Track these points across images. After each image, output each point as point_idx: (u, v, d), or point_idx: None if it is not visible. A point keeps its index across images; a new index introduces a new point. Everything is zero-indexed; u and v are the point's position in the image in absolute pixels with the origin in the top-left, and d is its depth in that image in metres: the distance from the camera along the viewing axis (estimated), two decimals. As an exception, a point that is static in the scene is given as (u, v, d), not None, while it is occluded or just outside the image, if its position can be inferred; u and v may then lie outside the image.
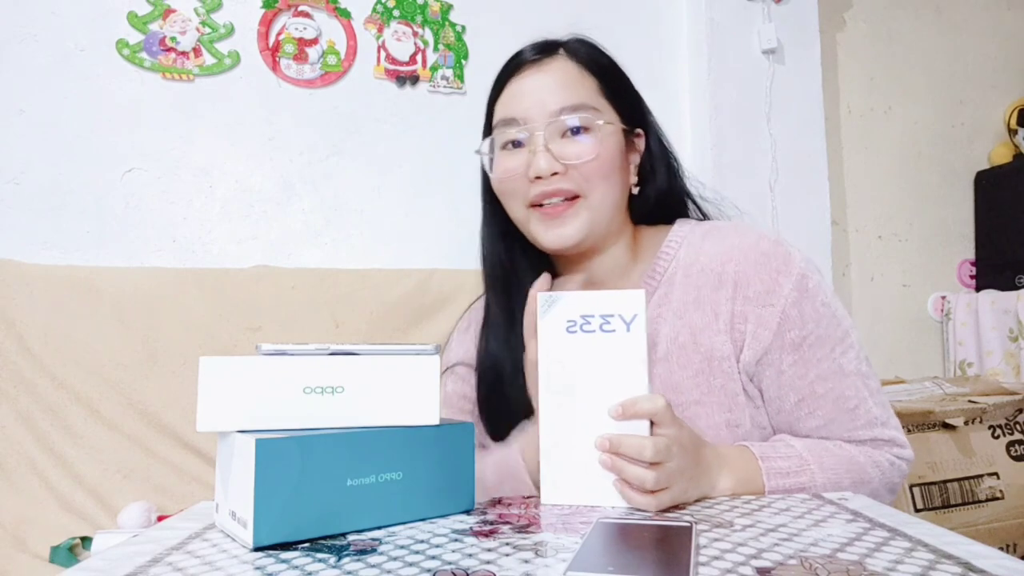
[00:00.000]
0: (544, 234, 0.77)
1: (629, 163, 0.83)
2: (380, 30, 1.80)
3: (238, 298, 1.54)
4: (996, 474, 1.45)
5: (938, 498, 1.41)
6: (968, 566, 0.43)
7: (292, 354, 0.55)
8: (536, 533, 0.53)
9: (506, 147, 0.79)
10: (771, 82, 1.99)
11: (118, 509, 1.33)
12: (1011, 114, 2.43)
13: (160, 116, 1.65)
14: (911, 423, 1.43)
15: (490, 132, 0.82)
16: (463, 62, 1.85)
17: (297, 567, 0.45)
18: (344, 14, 1.77)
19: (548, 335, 0.63)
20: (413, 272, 1.68)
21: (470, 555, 0.47)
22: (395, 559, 0.47)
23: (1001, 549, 0.53)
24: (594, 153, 0.75)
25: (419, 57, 1.83)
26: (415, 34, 1.83)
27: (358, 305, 1.61)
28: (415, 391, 0.57)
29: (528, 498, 0.66)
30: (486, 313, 0.88)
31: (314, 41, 1.75)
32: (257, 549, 0.49)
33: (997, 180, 2.35)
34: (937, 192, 2.39)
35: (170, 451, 1.43)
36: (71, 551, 1.23)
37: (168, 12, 1.65)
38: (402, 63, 1.82)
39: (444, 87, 1.84)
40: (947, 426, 1.45)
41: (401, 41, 1.82)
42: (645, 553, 0.47)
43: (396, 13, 1.81)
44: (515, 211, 0.80)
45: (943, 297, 2.34)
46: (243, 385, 0.52)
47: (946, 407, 1.46)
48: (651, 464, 0.58)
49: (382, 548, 0.49)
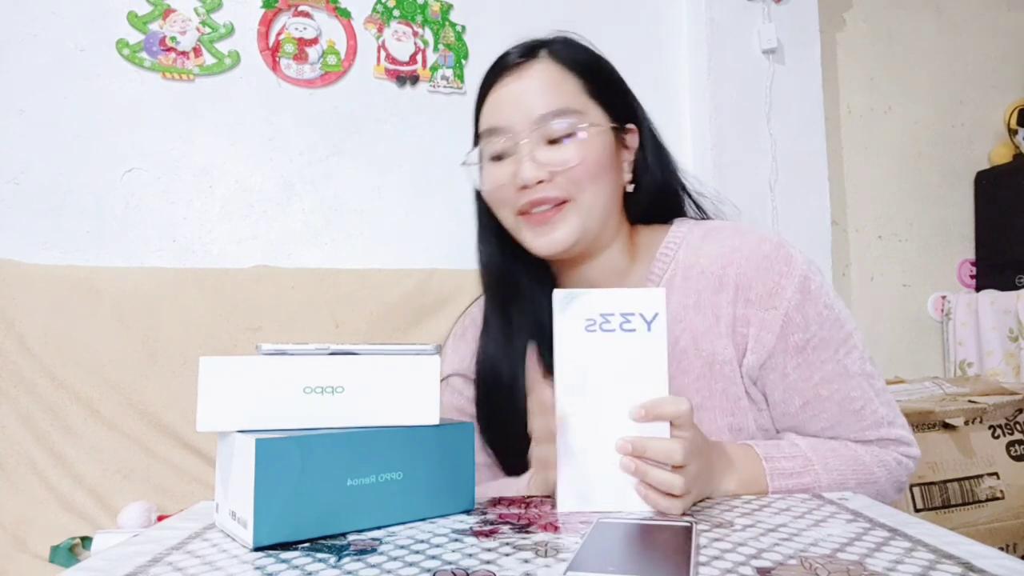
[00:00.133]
0: (534, 241, 0.77)
1: (621, 161, 0.81)
2: (380, 30, 1.80)
3: (238, 298, 1.54)
4: (996, 474, 1.45)
5: (938, 498, 1.40)
6: (968, 566, 0.43)
7: (292, 354, 0.55)
8: (536, 533, 0.53)
9: (493, 158, 0.78)
10: (771, 82, 1.99)
11: (118, 509, 1.33)
12: (1011, 114, 2.43)
13: (160, 116, 1.65)
14: (911, 423, 1.42)
15: (479, 140, 0.81)
16: (463, 62, 1.85)
17: (297, 567, 0.45)
18: (344, 14, 1.77)
19: (566, 334, 0.60)
20: (413, 272, 1.68)
21: (470, 555, 0.47)
22: (395, 559, 0.47)
23: (1001, 549, 0.53)
24: (579, 158, 0.74)
25: (419, 57, 1.83)
26: (415, 34, 1.83)
27: (358, 305, 1.61)
28: (415, 391, 0.57)
29: (528, 498, 0.66)
30: (485, 319, 0.87)
31: (314, 41, 1.75)
32: (257, 549, 0.49)
33: (997, 180, 2.35)
34: (937, 192, 2.39)
35: (170, 451, 1.43)
36: (71, 551, 1.23)
37: (168, 12, 1.65)
38: (402, 63, 1.82)
39: (444, 87, 1.84)
40: (947, 426, 1.45)
41: (401, 41, 1.82)
42: (645, 553, 0.47)
43: (396, 13, 1.81)
44: (506, 220, 0.80)
45: (943, 297, 2.34)
46: (243, 385, 0.52)
47: (946, 407, 1.46)
48: (676, 468, 0.57)
49: (382, 548, 0.49)
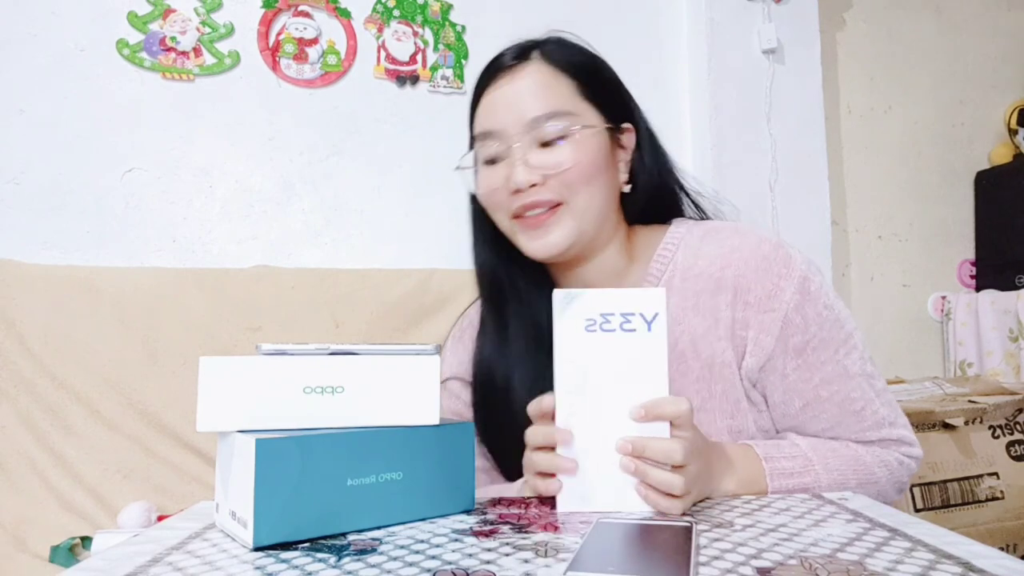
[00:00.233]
0: (529, 244, 0.77)
1: (617, 162, 0.80)
2: (380, 30, 1.80)
3: (238, 298, 1.54)
4: (996, 474, 1.45)
5: (938, 498, 1.40)
6: (968, 566, 0.43)
7: (292, 354, 0.55)
8: (536, 533, 0.52)
9: (487, 161, 0.78)
10: (771, 82, 1.99)
11: (118, 509, 1.33)
12: (1011, 114, 2.43)
13: (160, 116, 1.65)
14: (911, 423, 1.42)
15: (474, 143, 0.81)
16: (463, 62, 1.85)
17: (297, 567, 0.45)
18: (344, 14, 1.77)
19: (566, 334, 0.60)
20: (413, 272, 1.68)
21: (470, 555, 0.47)
22: (395, 559, 0.47)
23: (1001, 549, 0.53)
24: (572, 161, 0.73)
25: (419, 57, 1.83)
26: (415, 34, 1.83)
27: (358, 305, 1.61)
28: (415, 391, 0.57)
29: (528, 499, 0.66)
30: (482, 321, 0.87)
31: (314, 41, 1.75)
32: (257, 549, 0.49)
33: (997, 180, 2.35)
34: (937, 192, 2.39)
35: (170, 451, 1.43)
36: (71, 551, 1.23)
37: (168, 12, 1.65)
38: (402, 63, 1.82)
39: (444, 87, 1.84)
40: (947, 426, 1.45)
41: (401, 41, 1.82)
42: (645, 553, 0.47)
43: (396, 13, 1.81)
44: (501, 223, 0.80)
45: (943, 297, 2.34)
46: (243, 385, 0.52)
47: (946, 407, 1.46)
48: (675, 468, 0.57)
49: (382, 548, 0.49)
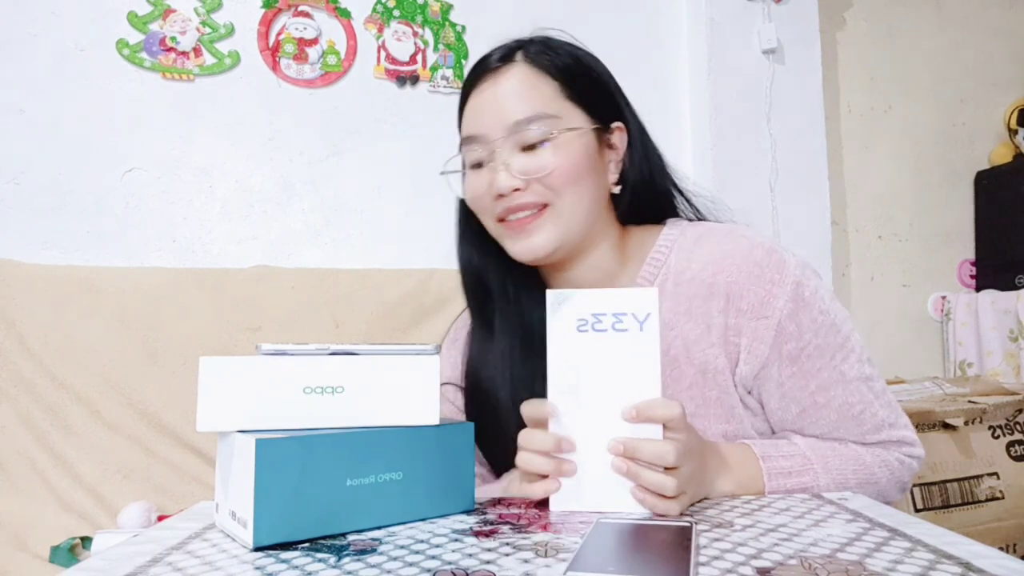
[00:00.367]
0: (514, 247, 0.76)
1: (606, 162, 0.79)
2: (380, 30, 1.80)
3: (238, 298, 1.54)
4: (996, 474, 1.44)
5: (938, 498, 1.40)
6: (968, 566, 0.43)
7: (292, 354, 0.55)
8: (536, 533, 0.53)
9: (472, 165, 0.78)
10: (771, 82, 1.99)
11: (118, 509, 1.33)
12: (1011, 114, 2.43)
13: (160, 116, 1.65)
14: (911, 423, 1.43)
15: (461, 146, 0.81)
16: (463, 62, 1.85)
17: (297, 567, 0.45)
18: (344, 14, 1.77)
19: (558, 334, 0.60)
20: (413, 272, 1.68)
21: (470, 555, 0.47)
22: (395, 559, 0.47)
23: (1001, 549, 0.53)
24: (554, 164, 0.73)
25: (419, 57, 1.83)
26: (415, 34, 1.83)
27: (358, 305, 1.61)
28: (415, 391, 0.57)
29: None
30: (472, 325, 0.87)
31: (314, 41, 1.75)
32: (257, 549, 0.49)
33: (997, 180, 2.35)
34: (937, 192, 2.39)
35: (170, 451, 1.43)
36: (71, 551, 1.23)
37: (168, 12, 1.65)
38: (402, 63, 1.82)
39: (444, 87, 1.84)
40: (947, 426, 1.44)
41: (401, 41, 1.82)
42: (645, 553, 0.47)
43: (396, 13, 1.81)
44: (488, 226, 0.79)
45: (943, 297, 2.34)
46: (243, 385, 0.52)
47: (946, 407, 1.46)
48: (668, 469, 0.57)
49: (382, 548, 0.49)
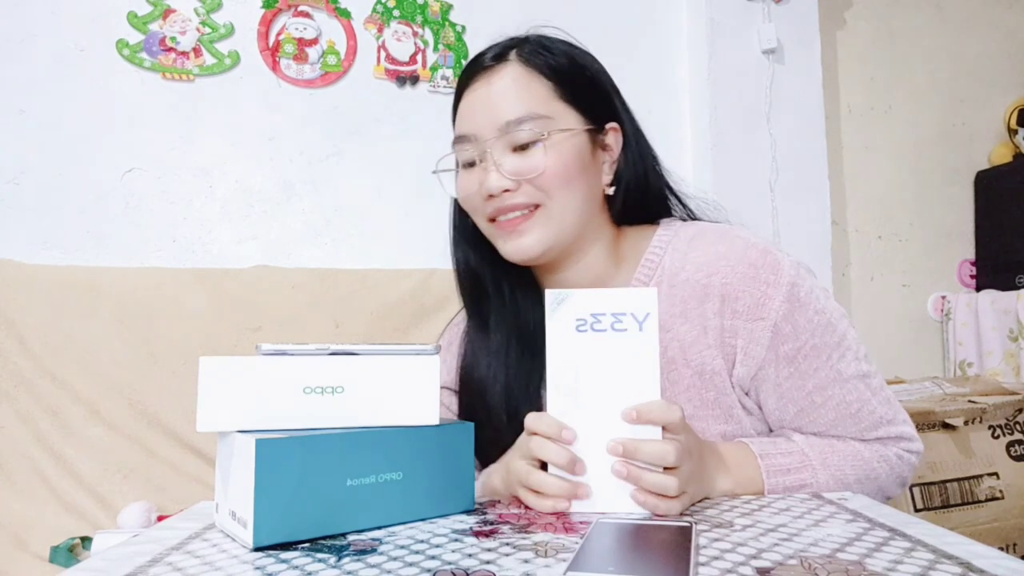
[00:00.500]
0: (504, 247, 0.76)
1: (599, 163, 0.79)
2: (380, 30, 1.80)
3: (238, 298, 1.54)
4: (996, 474, 1.44)
5: (938, 498, 1.40)
6: (968, 566, 0.43)
7: (292, 354, 0.55)
8: (536, 533, 0.53)
9: (464, 165, 0.78)
10: (771, 82, 1.99)
11: (118, 509, 1.33)
12: (1011, 114, 2.43)
13: (160, 116, 1.65)
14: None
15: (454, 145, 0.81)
16: (463, 62, 1.85)
17: (297, 567, 0.45)
18: (344, 14, 1.77)
19: (557, 334, 0.60)
20: (413, 272, 1.68)
21: (470, 555, 0.47)
22: (395, 559, 0.47)
23: (1001, 549, 0.53)
24: (545, 165, 0.72)
25: (419, 57, 1.83)
26: (415, 34, 1.83)
27: (358, 305, 1.61)
28: (415, 391, 0.57)
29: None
30: (466, 328, 0.87)
31: (314, 41, 1.75)
32: (257, 549, 0.49)
33: (997, 180, 2.35)
34: (937, 192, 2.39)
35: (170, 451, 1.43)
36: (71, 551, 1.23)
37: (168, 12, 1.65)
38: (402, 63, 1.82)
39: (444, 87, 1.84)
40: (947, 426, 1.44)
41: (401, 41, 1.82)
42: (645, 553, 0.47)
43: (396, 13, 1.81)
44: (481, 226, 0.79)
45: (943, 297, 2.34)
46: (243, 385, 0.52)
47: (946, 407, 1.46)
48: (668, 469, 0.57)
49: (382, 548, 0.49)
